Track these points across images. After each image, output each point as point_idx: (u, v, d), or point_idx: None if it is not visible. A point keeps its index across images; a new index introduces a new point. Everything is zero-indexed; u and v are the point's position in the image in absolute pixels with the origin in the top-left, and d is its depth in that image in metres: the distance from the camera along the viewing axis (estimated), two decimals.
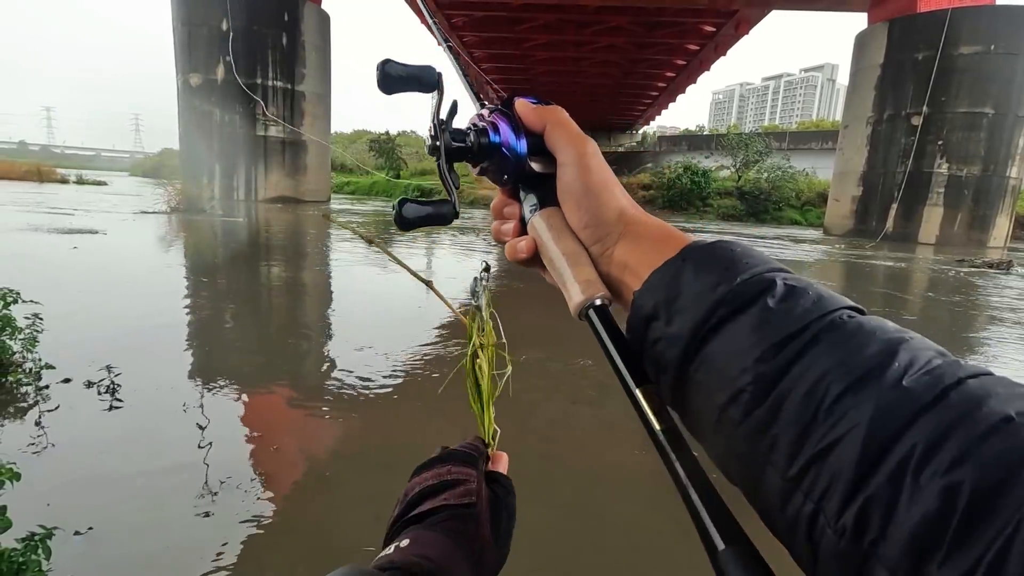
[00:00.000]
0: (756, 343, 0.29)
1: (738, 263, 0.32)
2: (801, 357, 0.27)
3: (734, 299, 0.30)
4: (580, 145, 0.41)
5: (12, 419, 2.81)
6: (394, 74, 0.44)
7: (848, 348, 0.27)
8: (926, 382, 0.25)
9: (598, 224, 0.39)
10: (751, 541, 0.26)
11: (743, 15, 25.98)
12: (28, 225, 10.96)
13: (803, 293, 0.30)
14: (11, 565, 1.40)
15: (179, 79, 23.34)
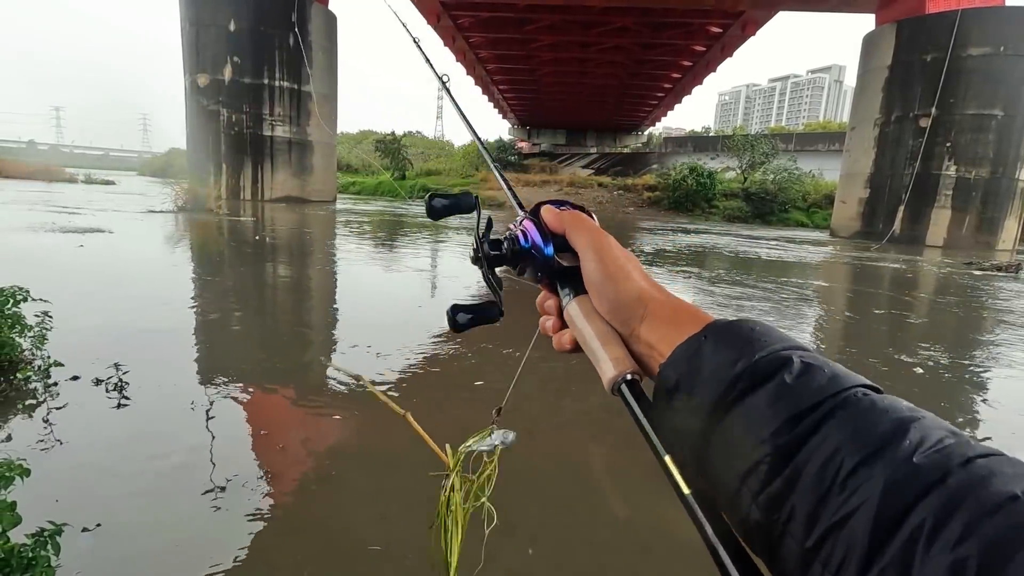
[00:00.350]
0: (773, 416, 0.30)
1: (757, 341, 0.34)
2: (816, 431, 0.29)
3: (753, 374, 0.32)
4: (596, 240, 0.46)
5: (22, 416, 2.83)
6: (438, 205, 0.54)
7: (862, 424, 0.28)
8: (936, 459, 0.26)
9: (620, 307, 0.43)
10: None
11: (750, 16, 25.91)
12: (37, 224, 11.05)
13: (819, 370, 0.32)
14: (21, 560, 1.41)
15: (187, 79, 23.48)
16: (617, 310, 0.43)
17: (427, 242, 12.80)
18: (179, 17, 23.22)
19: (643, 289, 0.43)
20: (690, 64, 34.94)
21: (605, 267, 0.44)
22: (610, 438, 3.07)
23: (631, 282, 0.43)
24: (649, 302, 0.42)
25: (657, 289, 0.44)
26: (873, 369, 4.61)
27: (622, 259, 0.45)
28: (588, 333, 0.44)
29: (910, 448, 0.26)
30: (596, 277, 0.44)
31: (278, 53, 23.12)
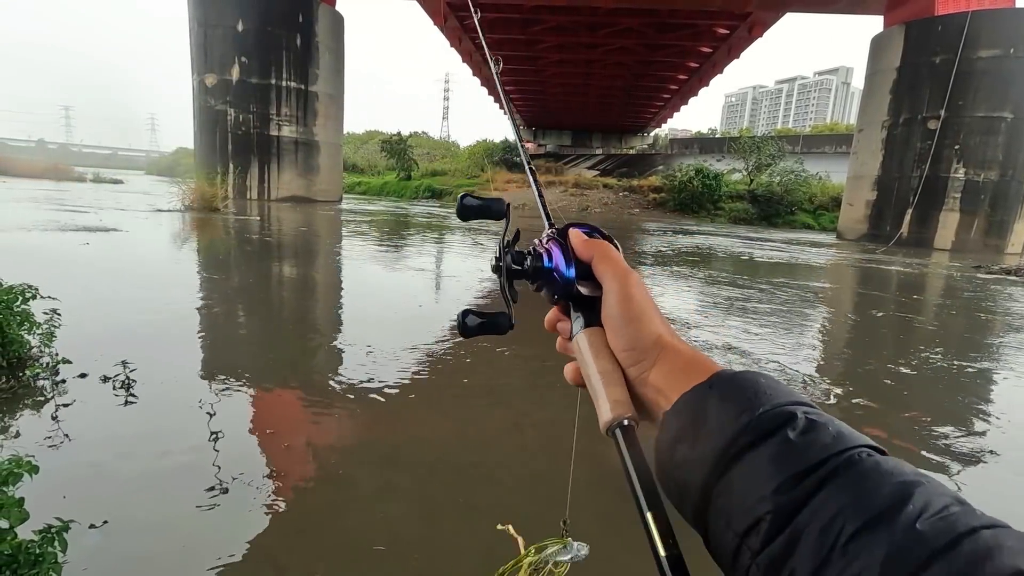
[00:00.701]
0: (775, 473, 0.30)
1: (762, 394, 0.34)
2: (819, 491, 0.28)
3: (756, 429, 0.32)
4: (623, 277, 0.45)
5: (30, 412, 2.85)
6: (470, 205, 0.53)
7: (864, 486, 0.28)
8: (940, 528, 0.25)
9: (636, 349, 0.42)
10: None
11: (757, 17, 25.81)
12: (46, 222, 11.13)
13: (823, 428, 0.31)
14: (28, 556, 1.42)
15: (195, 79, 23.62)
16: (632, 351, 0.43)
17: (431, 243, 12.81)
18: (187, 18, 23.38)
19: (661, 334, 0.43)
20: (696, 66, 34.84)
21: (628, 306, 0.44)
22: None
23: (652, 325, 0.43)
24: (665, 348, 0.42)
25: (674, 336, 0.43)
26: (873, 373, 4.58)
27: (645, 300, 0.45)
28: (592, 369, 0.44)
29: (913, 514, 0.26)
30: (617, 315, 0.44)
31: (285, 53, 23.23)
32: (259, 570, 1.84)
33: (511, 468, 2.67)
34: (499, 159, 44.67)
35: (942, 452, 3.08)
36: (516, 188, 35.40)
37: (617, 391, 0.42)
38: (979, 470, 2.94)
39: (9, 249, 7.54)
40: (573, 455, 0.69)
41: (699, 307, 6.92)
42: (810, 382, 4.21)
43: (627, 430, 0.39)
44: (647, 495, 0.35)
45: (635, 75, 37.26)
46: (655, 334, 0.43)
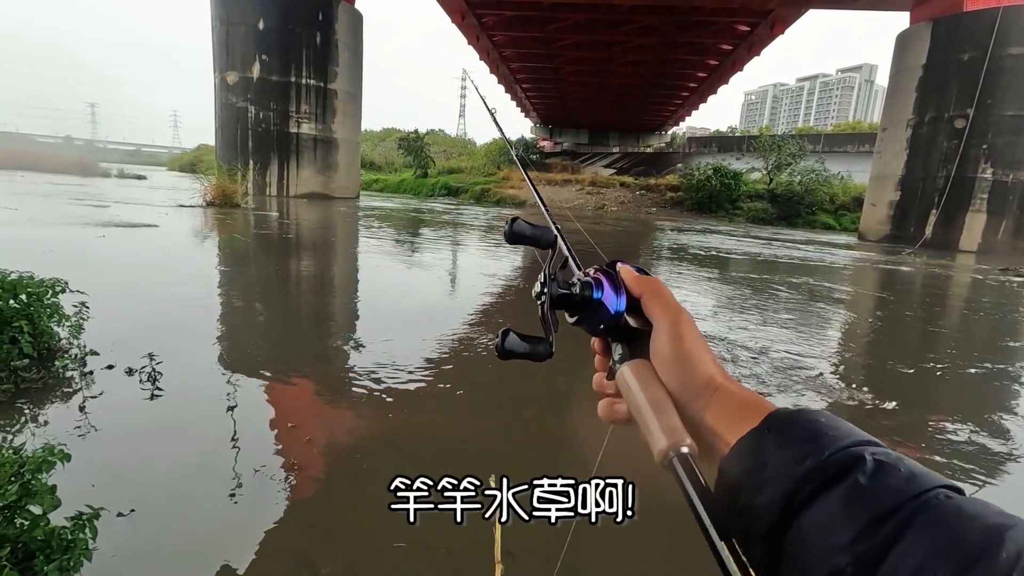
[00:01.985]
0: (850, 521, 0.28)
1: (824, 435, 0.33)
2: (900, 539, 0.27)
3: (823, 473, 0.31)
4: (675, 315, 0.44)
5: (59, 403, 2.93)
6: (519, 232, 0.53)
7: (951, 532, 0.26)
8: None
9: (688, 389, 0.41)
10: None
11: (779, 14, 25.44)
12: (73, 217, 11.39)
13: (894, 470, 0.30)
14: (61, 542, 1.47)
15: (216, 77, 23.96)
16: (684, 392, 0.42)
17: (446, 240, 12.86)
18: (210, 16, 23.72)
19: (714, 375, 0.41)
20: (716, 63, 34.43)
21: (681, 345, 0.43)
22: None
23: (703, 365, 0.42)
24: (718, 388, 0.41)
25: (726, 376, 0.42)
26: (896, 375, 4.50)
27: (697, 340, 0.43)
28: (641, 399, 0.42)
29: (1007, 564, 0.24)
30: (669, 353, 0.43)
31: (305, 51, 23.46)
32: (278, 559, 1.87)
33: (534, 471, 2.68)
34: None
35: (966, 455, 3.03)
36: None
37: (671, 419, 0.40)
38: (1007, 475, 2.88)
39: (40, 243, 7.73)
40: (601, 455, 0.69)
41: (715, 307, 6.86)
42: (832, 385, 4.15)
43: (684, 459, 0.37)
44: (717, 524, 0.33)
45: (654, 73, 36.94)
46: (708, 374, 0.41)
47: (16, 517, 1.47)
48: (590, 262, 0.53)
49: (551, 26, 29.08)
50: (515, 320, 5.27)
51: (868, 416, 3.59)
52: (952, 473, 2.83)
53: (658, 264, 11.13)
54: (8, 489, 1.43)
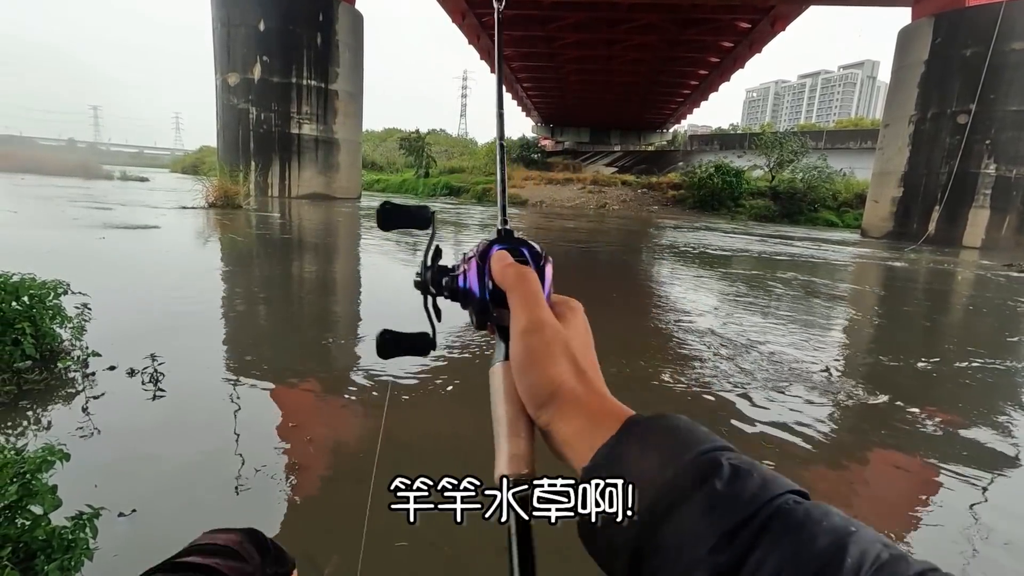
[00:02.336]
0: (709, 530, 0.28)
1: (682, 441, 0.32)
2: (754, 549, 0.27)
3: (682, 481, 0.30)
4: (528, 313, 0.40)
5: (62, 404, 2.94)
6: (390, 214, 0.48)
7: (800, 540, 0.27)
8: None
9: (532, 395, 0.38)
10: None
11: (780, 11, 25.37)
12: (76, 219, 11.43)
13: (748, 475, 0.30)
14: (61, 542, 1.47)
15: (217, 78, 24.02)
16: (529, 397, 0.38)
17: (447, 240, 12.86)
18: (211, 17, 23.77)
19: (563, 382, 0.38)
20: (717, 61, 34.37)
21: (529, 345, 0.39)
22: None
23: (550, 371, 0.38)
24: (563, 398, 0.37)
25: (582, 381, 0.38)
26: (896, 371, 4.48)
27: (552, 339, 0.39)
28: (498, 413, 0.40)
29: (853, 567, 0.26)
30: (516, 353, 0.39)
31: (306, 52, 23.50)
32: None
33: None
34: (516, 156, 44.60)
35: (966, 454, 3.01)
36: (534, 185, 35.35)
37: (518, 443, 0.38)
38: (1006, 471, 2.87)
39: (41, 245, 7.76)
40: None
41: (713, 304, 6.84)
42: (833, 382, 4.14)
43: (518, 484, 0.35)
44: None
45: (655, 71, 36.90)
46: (554, 382, 0.38)
47: (17, 517, 1.48)
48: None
49: (551, 25, 29.06)
50: None
51: (860, 409, 3.58)
52: (946, 467, 2.82)
53: (657, 261, 11.12)
54: (8, 489, 1.44)
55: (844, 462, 2.94)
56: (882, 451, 3.10)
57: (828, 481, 2.74)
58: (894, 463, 2.96)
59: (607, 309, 6.18)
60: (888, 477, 2.87)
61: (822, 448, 3.04)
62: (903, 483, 2.81)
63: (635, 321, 5.86)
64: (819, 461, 2.92)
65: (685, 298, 7.21)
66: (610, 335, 4.98)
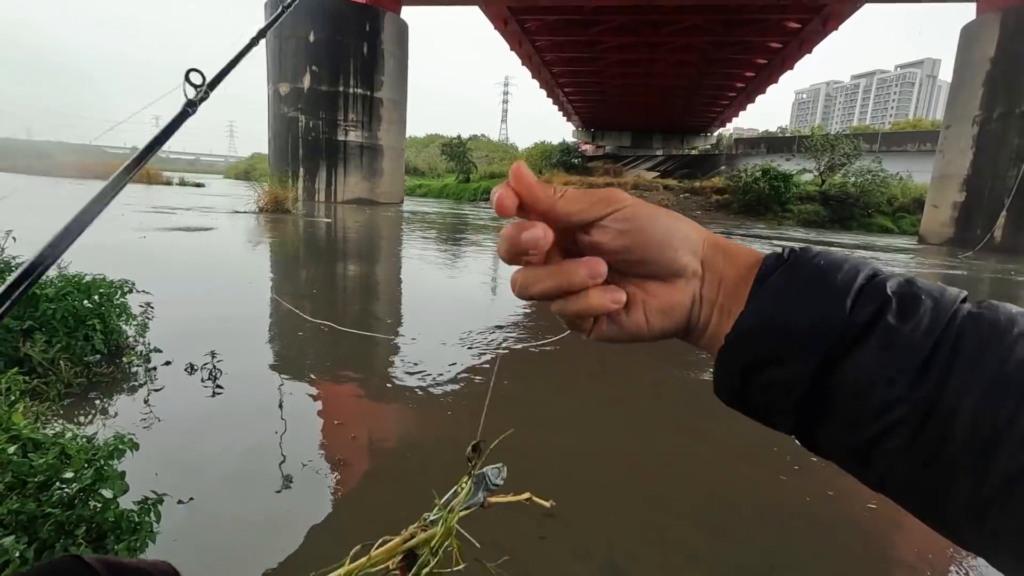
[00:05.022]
0: (894, 372, 0.27)
1: (835, 281, 0.30)
2: (949, 375, 0.26)
3: (851, 327, 0.28)
4: None
5: (126, 396, 3.13)
6: None
7: (998, 358, 0.26)
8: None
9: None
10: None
11: (832, 10, 24.53)
12: (142, 223, 12.11)
13: (917, 301, 0.28)
14: (129, 524, 1.58)
15: (270, 88, 25.02)
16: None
17: (487, 242, 12.97)
18: None
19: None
20: (765, 62, 33.48)
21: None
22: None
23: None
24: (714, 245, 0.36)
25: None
26: None
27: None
28: None
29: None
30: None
31: (352, 61, 24.22)
32: (324, 548, 1.95)
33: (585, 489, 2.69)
34: (557, 161, 44.62)
35: None
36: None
37: None
38: None
39: (112, 246, 8.26)
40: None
41: None
42: None
43: None
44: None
45: (699, 73, 36.25)
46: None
47: (91, 499, 1.59)
48: None
49: (594, 29, 28.98)
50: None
51: None
52: None
53: None
54: (85, 473, 1.55)
55: None
56: None
57: None
58: None
59: None
60: None
61: None
62: None
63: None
64: None
65: None
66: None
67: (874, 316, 0.28)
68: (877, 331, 0.28)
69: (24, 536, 1.39)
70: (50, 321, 3.18)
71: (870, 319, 0.28)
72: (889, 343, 0.27)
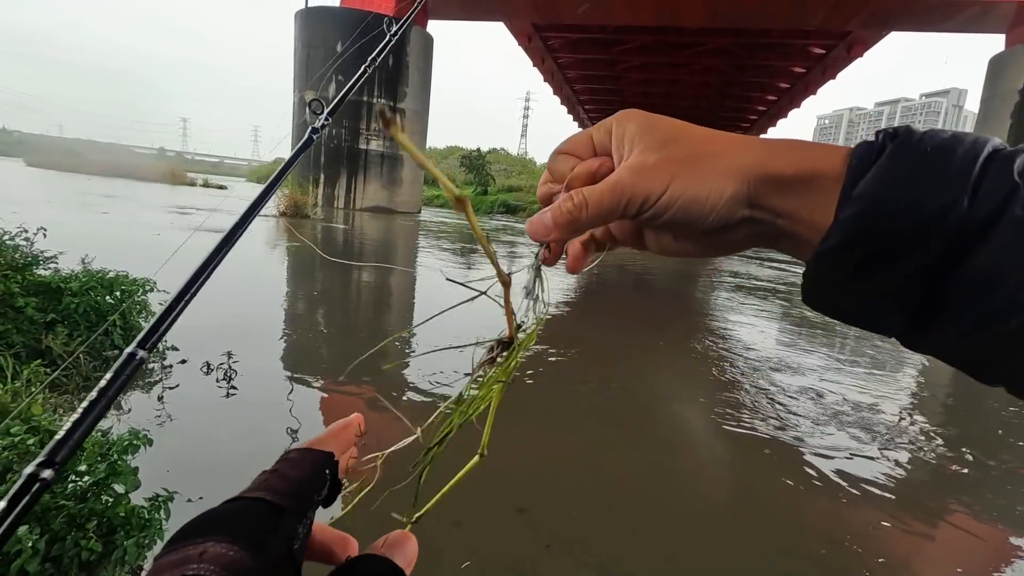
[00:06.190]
0: (1022, 272, 0.24)
1: (948, 166, 0.26)
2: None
3: (972, 222, 0.25)
4: None
5: (141, 392, 3.17)
6: None
7: None
8: None
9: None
10: None
11: (857, 36, 24.46)
12: (159, 221, 12.34)
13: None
14: (139, 520, 1.59)
15: (296, 95, 25.52)
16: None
17: (501, 253, 13.00)
18: (293, 39, 25.40)
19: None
20: (787, 86, 33.43)
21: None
22: None
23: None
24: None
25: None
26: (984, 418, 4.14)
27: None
28: None
29: None
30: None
31: (377, 72, 24.51)
32: None
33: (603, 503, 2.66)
34: None
35: None
36: None
37: None
38: None
39: (135, 245, 8.42)
40: None
41: (778, 344, 6.58)
42: (908, 431, 3.88)
43: None
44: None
45: (720, 96, 36.30)
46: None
47: (103, 494, 1.61)
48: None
49: (616, 48, 29.19)
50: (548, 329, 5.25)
51: (941, 469, 3.33)
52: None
53: (711, 294, 10.81)
54: (99, 467, 1.57)
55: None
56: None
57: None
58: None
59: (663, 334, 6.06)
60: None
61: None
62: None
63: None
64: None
65: (757, 340, 6.98)
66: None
67: (1000, 207, 0.25)
68: (1003, 224, 0.25)
69: (37, 527, 1.40)
70: (72, 315, 3.24)
71: (995, 211, 0.25)
72: (1017, 238, 0.24)
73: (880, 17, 21.26)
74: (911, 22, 22.14)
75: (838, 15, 20.93)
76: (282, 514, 0.28)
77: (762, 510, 2.64)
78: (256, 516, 0.28)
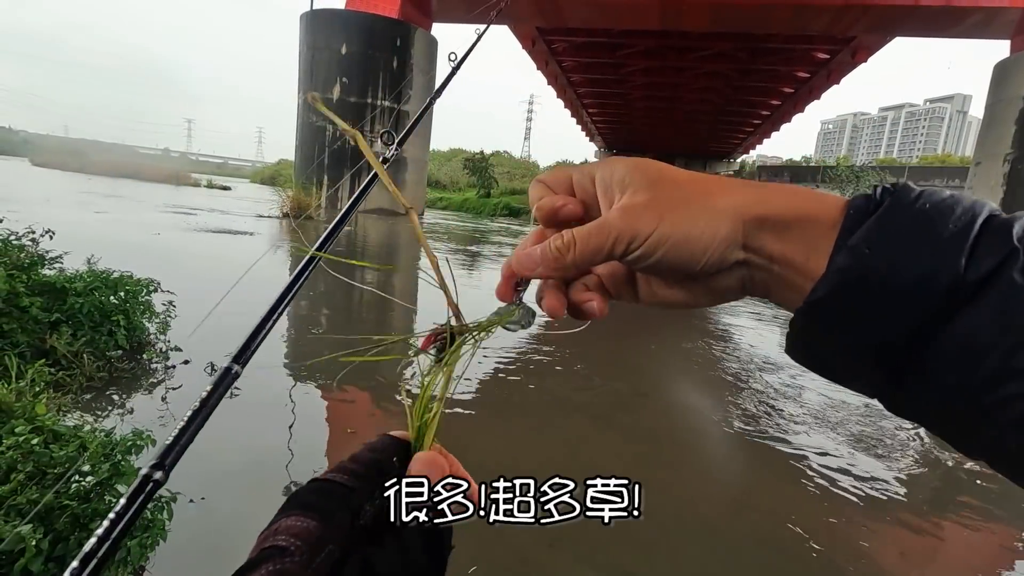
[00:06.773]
0: (1015, 340, 0.23)
1: (944, 228, 0.25)
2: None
3: (964, 284, 0.24)
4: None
5: (144, 392, 3.18)
6: None
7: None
8: None
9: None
10: None
11: (861, 41, 24.45)
12: (160, 222, 12.38)
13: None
14: (142, 521, 1.59)
15: (300, 97, 25.62)
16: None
17: (504, 252, 13.00)
18: (298, 41, 25.52)
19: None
20: (791, 91, 33.40)
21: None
22: None
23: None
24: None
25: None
26: None
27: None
28: None
29: None
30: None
31: (382, 75, 24.73)
32: None
33: None
34: None
35: None
36: None
37: None
38: None
39: (139, 246, 8.46)
40: None
41: (778, 344, 6.57)
42: (929, 455, 3.87)
43: None
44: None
45: (724, 99, 36.29)
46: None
47: (105, 494, 1.61)
48: None
49: (620, 52, 29.23)
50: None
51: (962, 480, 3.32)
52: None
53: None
54: (103, 467, 1.57)
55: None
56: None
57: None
58: None
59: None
60: None
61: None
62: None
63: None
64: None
65: (759, 353, 6.96)
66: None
67: (995, 271, 0.24)
68: (996, 289, 0.23)
69: (41, 526, 1.40)
70: (76, 315, 3.25)
71: (989, 274, 0.24)
72: (1010, 305, 0.23)
73: (884, 23, 21.25)
74: (915, 28, 22.12)
75: (841, 21, 20.95)
76: (351, 492, 0.34)
77: (762, 508, 2.63)
78: (324, 492, 0.34)
